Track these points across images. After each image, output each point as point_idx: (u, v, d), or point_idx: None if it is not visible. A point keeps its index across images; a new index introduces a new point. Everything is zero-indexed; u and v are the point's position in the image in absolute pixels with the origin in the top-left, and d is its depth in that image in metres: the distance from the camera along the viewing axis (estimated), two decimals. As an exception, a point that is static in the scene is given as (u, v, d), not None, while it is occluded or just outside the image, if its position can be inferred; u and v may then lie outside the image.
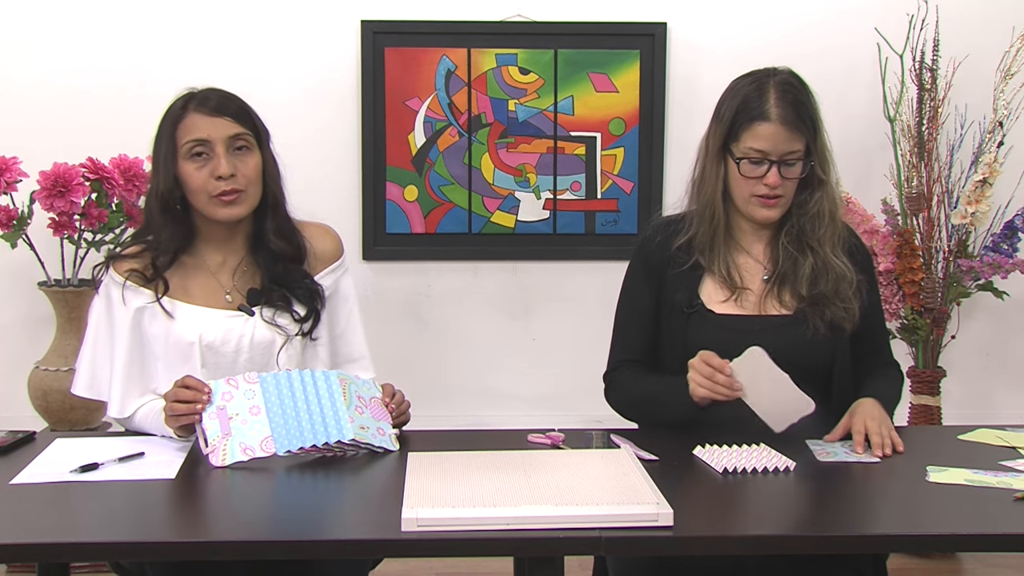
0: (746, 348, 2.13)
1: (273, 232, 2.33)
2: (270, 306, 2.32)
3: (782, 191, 2.27)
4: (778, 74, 2.29)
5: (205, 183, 2.24)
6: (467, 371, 3.86)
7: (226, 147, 2.25)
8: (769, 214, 2.30)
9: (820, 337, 2.28)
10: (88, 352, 2.32)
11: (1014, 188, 3.63)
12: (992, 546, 2.07)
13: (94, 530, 1.82)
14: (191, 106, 2.26)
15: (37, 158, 3.31)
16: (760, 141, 2.23)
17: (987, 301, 3.71)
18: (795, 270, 2.31)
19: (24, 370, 3.46)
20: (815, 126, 2.27)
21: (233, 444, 2.02)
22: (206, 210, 2.27)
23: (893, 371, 2.43)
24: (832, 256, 2.31)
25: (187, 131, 2.25)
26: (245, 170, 2.27)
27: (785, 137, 2.23)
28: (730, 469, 1.98)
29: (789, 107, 2.23)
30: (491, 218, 3.80)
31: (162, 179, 2.26)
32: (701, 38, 3.75)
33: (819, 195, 2.31)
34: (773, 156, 2.24)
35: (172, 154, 2.25)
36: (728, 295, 2.32)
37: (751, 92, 2.26)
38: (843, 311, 2.29)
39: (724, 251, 2.34)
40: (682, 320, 2.31)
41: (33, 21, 3.67)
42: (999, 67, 3.53)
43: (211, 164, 2.24)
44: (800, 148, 2.25)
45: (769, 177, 2.24)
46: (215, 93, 2.30)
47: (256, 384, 2.12)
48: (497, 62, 3.73)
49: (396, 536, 1.70)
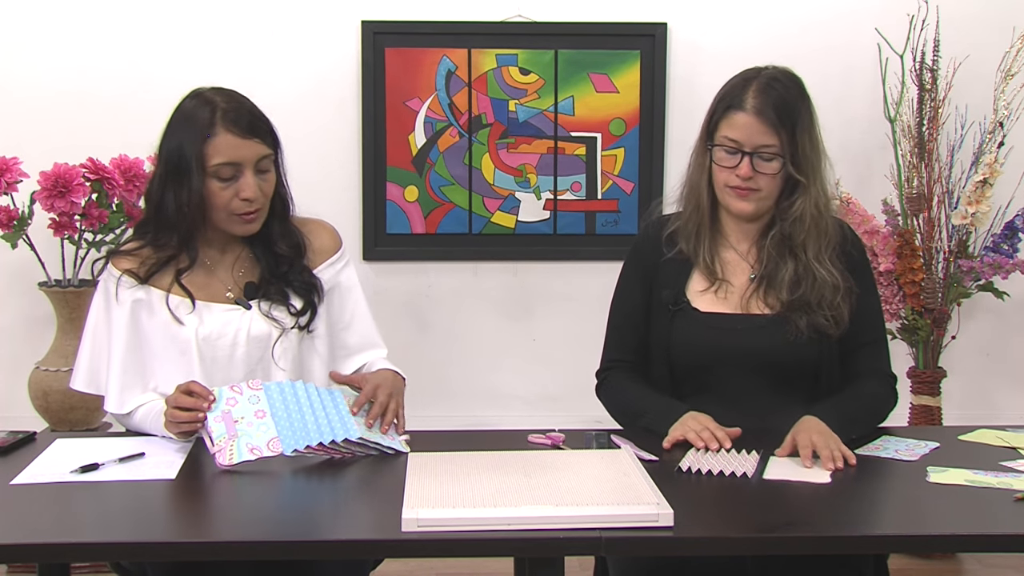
0: (728, 347, 2.26)
1: (280, 234, 2.34)
2: (267, 300, 2.32)
3: (756, 184, 2.26)
4: (767, 71, 2.29)
5: (229, 202, 2.24)
6: (467, 371, 3.86)
7: (253, 169, 2.25)
8: (742, 205, 2.28)
9: (803, 340, 2.26)
10: (87, 347, 2.32)
11: (1014, 188, 3.63)
12: (992, 546, 2.07)
13: (94, 530, 1.81)
14: (221, 123, 2.22)
15: (37, 158, 3.31)
16: (734, 130, 2.24)
17: (987, 301, 3.71)
18: (776, 274, 2.31)
19: (24, 370, 3.46)
20: (794, 125, 2.24)
21: (240, 444, 2.02)
22: (223, 224, 2.28)
23: (875, 386, 2.31)
24: (815, 263, 2.28)
25: (218, 152, 2.21)
26: (267, 189, 2.28)
27: (758, 130, 2.23)
28: (684, 468, 1.98)
29: (767, 101, 2.23)
30: (491, 218, 3.80)
31: (191, 195, 2.22)
32: (701, 38, 3.76)
33: (801, 200, 2.28)
34: (747, 147, 2.24)
35: (201, 171, 2.22)
36: (709, 285, 2.32)
37: (736, 84, 2.28)
38: (826, 318, 2.26)
39: (709, 242, 2.34)
40: (667, 318, 2.32)
41: (33, 21, 3.67)
42: (999, 67, 3.53)
43: (237, 185, 2.23)
44: (774, 143, 2.24)
45: (741, 168, 2.24)
46: (239, 108, 2.25)
47: (260, 391, 2.12)
48: (497, 62, 3.73)
49: (396, 536, 1.70)
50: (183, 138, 2.23)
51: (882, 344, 2.37)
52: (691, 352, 2.30)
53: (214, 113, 2.23)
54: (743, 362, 2.27)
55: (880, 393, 2.32)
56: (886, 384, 2.34)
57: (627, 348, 2.39)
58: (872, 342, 2.34)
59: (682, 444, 2.12)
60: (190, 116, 2.25)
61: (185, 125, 2.25)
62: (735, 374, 2.27)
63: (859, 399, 2.26)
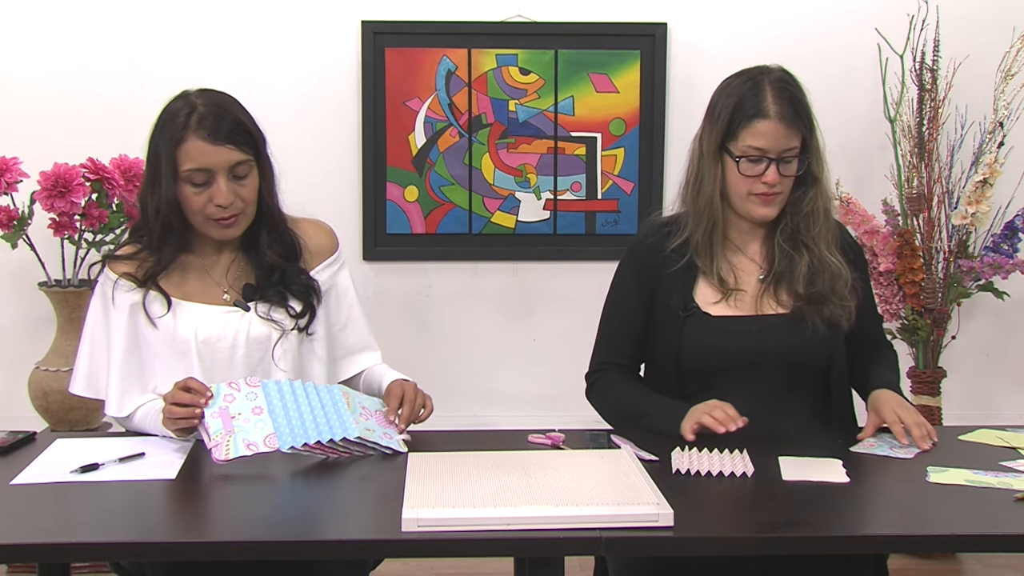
0: (742, 350, 2.26)
1: (267, 244, 2.32)
2: (265, 301, 2.32)
3: (780, 188, 2.26)
4: (772, 72, 2.28)
5: (203, 207, 2.23)
6: (467, 371, 3.86)
7: (227, 175, 2.23)
8: (767, 211, 2.28)
9: (819, 336, 2.27)
10: (85, 351, 2.32)
11: (1014, 188, 3.63)
12: (992, 546, 2.07)
13: (94, 530, 1.81)
14: (193, 129, 2.20)
15: (37, 158, 3.31)
16: (759, 139, 2.22)
17: (987, 301, 3.71)
18: (791, 269, 2.30)
19: (24, 370, 3.46)
20: (811, 123, 2.27)
21: (236, 440, 2.02)
22: (202, 229, 2.27)
23: (890, 353, 2.45)
24: (827, 254, 2.30)
25: (188, 157, 2.20)
26: (244, 194, 2.25)
27: (784, 134, 2.22)
28: (683, 471, 1.98)
29: (787, 104, 2.23)
30: (491, 218, 3.80)
31: (163, 199, 2.22)
32: (701, 38, 3.76)
33: (813, 193, 2.30)
34: (772, 153, 2.23)
35: (172, 175, 2.21)
36: (723, 296, 2.31)
37: (747, 91, 2.24)
38: (840, 308, 2.29)
39: (721, 252, 2.32)
40: (677, 324, 2.30)
41: (33, 21, 3.67)
42: (999, 67, 3.53)
43: (210, 191, 2.22)
44: (797, 145, 2.25)
45: (768, 175, 2.23)
46: (216, 113, 2.22)
47: (258, 388, 2.12)
48: (497, 62, 3.73)
49: (396, 536, 1.70)
50: (160, 140, 2.24)
51: (882, 327, 2.54)
52: (702, 356, 2.28)
53: (189, 117, 2.21)
54: (757, 364, 2.26)
55: (895, 358, 2.46)
56: (894, 352, 2.48)
57: (619, 351, 2.39)
58: (879, 330, 2.49)
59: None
60: (169, 118, 2.24)
61: (163, 126, 2.24)
62: (746, 376, 2.26)
63: (894, 369, 2.40)
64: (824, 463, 2.04)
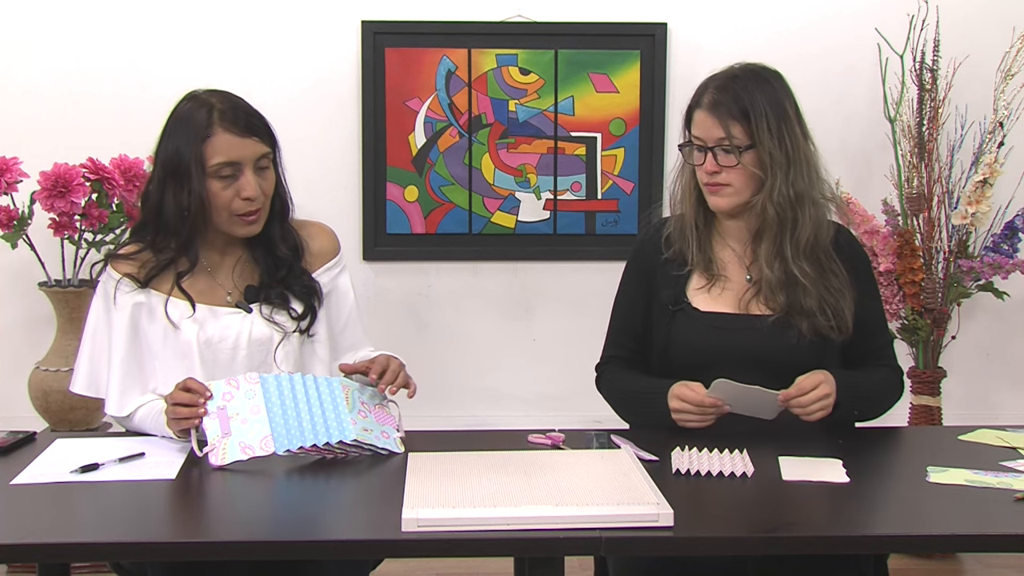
0: (729, 347, 2.28)
1: (280, 237, 2.34)
2: (268, 303, 2.32)
3: (725, 179, 2.27)
4: (735, 68, 2.32)
5: (230, 202, 2.24)
6: (467, 371, 3.86)
7: (253, 168, 2.25)
8: (717, 201, 2.30)
9: (805, 343, 2.27)
10: (86, 350, 2.32)
11: (1014, 188, 3.63)
12: (992, 546, 2.06)
13: (94, 530, 1.82)
14: (219, 123, 2.22)
15: (37, 158, 3.31)
16: (696, 128, 2.30)
17: (987, 301, 3.71)
18: (772, 279, 2.31)
19: (24, 370, 3.46)
20: (747, 117, 2.24)
21: (232, 443, 2.02)
22: (225, 226, 2.28)
23: (887, 373, 2.37)
24: (792, 266, 2.27)
25: (216, 151, 2.22)
26: (267, 188, 2.28)
27: (711, 124, 2.25)
28: (683, 471, 1.98)
29: (724, 95, 2.26)
30: (491, 218, 3.80)
31: (194, 197, 2.22)
32: (701, 38, 3.75)
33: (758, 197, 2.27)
34: (709, 143, 2.27)
35: (201, 172, 2.22)
36: (707, 282, 2.33)
37: (700, 86, 2.33)
38: (828, 323, 2.26)
39: (701, 241, 2.35)
40: (667, 318, 2.33)
41: (33, 22, 3.67)
42: (999, 67, 3.53)
43: (237, 184, 2.24)
44: (732, 136, 2.25)
45: (706, 164, 2.27)
46: (235, 107, 2.26)
47: (257, 384, 2.12)
48: (497, 62, 3.73)
49: (396, 536, 1.70)
50: (181, 141, 2.24)
51: (890, 346, 2.43)
52: (690, 351, 2.31)
53: (211, 113, 2.24)
54: (743, 362, 2.27)
55: (890, 379, 2.38)
56: (896, 374, 2.40)
57: (623, 345, 2.43)
58: (882, 346, 2.40)
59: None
60: (187, 118, 2.25)
61: (182, 128, 2.25)
62: (734, 374, 2.26)
63: (871, 380, 2.32)
64: (824, 463, 2.04)
